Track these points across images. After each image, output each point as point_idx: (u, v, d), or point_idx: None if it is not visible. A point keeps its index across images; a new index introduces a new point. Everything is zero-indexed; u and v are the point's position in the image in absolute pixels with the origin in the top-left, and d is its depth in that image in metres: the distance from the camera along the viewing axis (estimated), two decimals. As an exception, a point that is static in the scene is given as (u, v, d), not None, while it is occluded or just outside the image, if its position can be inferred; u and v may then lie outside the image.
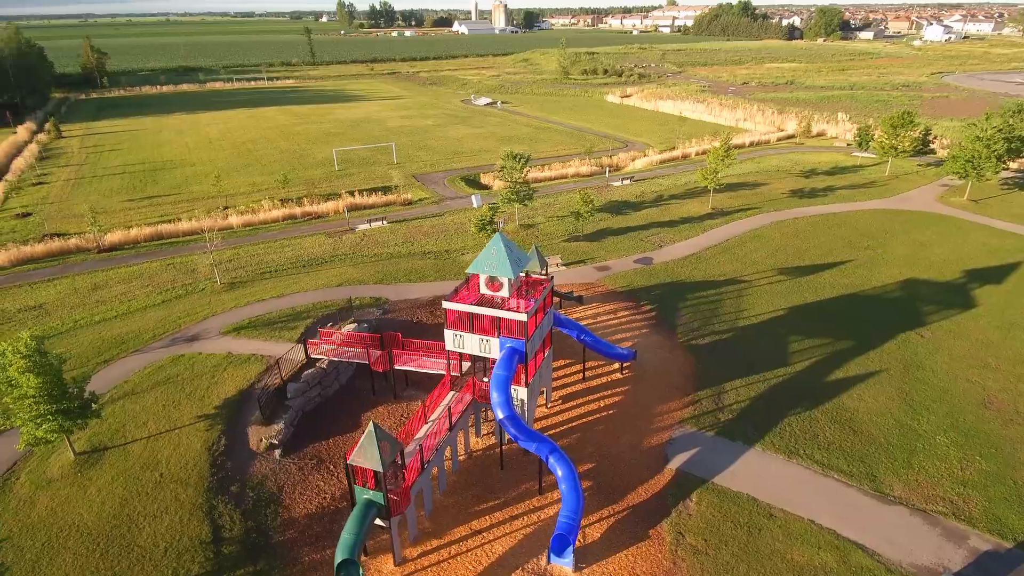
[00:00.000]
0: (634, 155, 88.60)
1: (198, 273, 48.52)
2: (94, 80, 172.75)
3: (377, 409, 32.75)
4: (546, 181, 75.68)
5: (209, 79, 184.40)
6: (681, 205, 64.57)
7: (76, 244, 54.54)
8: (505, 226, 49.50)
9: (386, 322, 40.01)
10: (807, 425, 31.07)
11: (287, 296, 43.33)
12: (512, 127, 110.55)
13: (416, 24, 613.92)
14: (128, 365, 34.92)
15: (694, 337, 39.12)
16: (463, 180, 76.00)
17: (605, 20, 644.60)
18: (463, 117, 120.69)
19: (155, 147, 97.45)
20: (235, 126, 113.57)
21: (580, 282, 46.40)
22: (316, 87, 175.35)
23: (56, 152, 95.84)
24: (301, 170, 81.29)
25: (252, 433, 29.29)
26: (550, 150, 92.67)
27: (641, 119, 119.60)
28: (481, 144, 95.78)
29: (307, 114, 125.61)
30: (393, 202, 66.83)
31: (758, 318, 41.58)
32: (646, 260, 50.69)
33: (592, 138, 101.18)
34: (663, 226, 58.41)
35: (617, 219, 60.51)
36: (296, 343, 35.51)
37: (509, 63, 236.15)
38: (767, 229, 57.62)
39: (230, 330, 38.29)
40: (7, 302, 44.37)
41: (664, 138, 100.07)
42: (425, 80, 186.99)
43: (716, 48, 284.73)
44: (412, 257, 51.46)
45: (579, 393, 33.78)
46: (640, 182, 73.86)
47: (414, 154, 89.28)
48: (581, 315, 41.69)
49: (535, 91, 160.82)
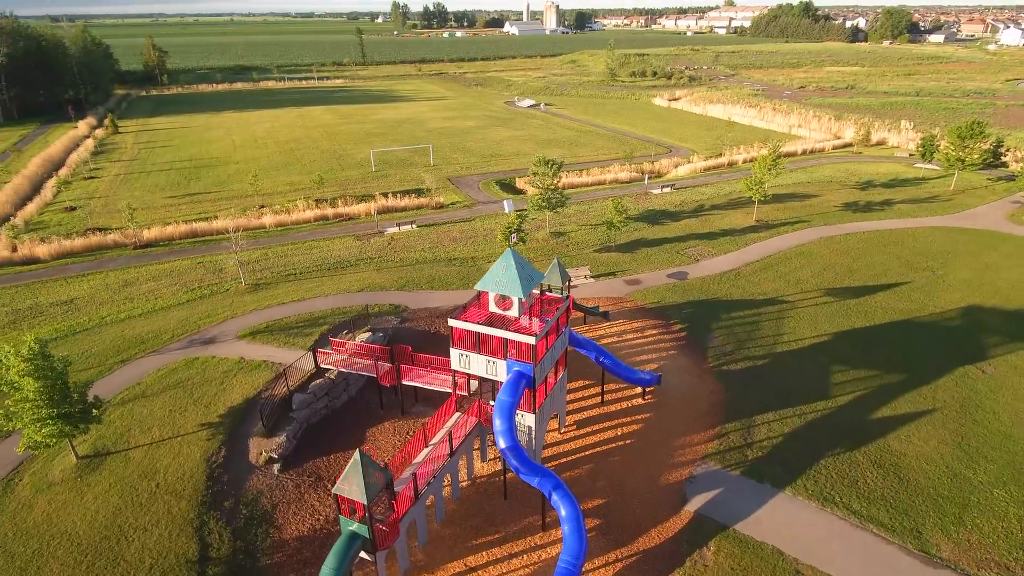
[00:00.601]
0: (677, 161, 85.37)
1: (225, 273, 48.68)
2: (155, 77, 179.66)
3: (383, 425, 31.59)
4: (582, 187, 73.53)
5: (262, 78, 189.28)
6: (723, 216, 61.38)
7: (114, 240, 55.73)
8: (518, 240, 47.78)
9: (402, 331, 38.90)
10: (846, 468, 28.21)
11: (307, 300, 42.78)
12: (553, 130, 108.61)
13: (468, 25, 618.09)
14: (144, 366, 34.86)
15: (726, 362, 36.48)
16: (497, 184, 74.63)
17: (659, 21, 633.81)
18: (504, 119, 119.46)
19: (203, 144, 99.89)
20: (281, 125, 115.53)
21: (607, 296, 44.23)
22: (364, 87, 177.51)
23: (110, 147, 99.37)
24: (339, 170, 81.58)
25: (253, 445, 28.53)
26: (590, 154, 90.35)
27: (688, 123, 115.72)
28: (519, 147, 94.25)
29: (351, 114, 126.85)
30: (425, 205, 66.02)
31: (798, 344, 38.55)
32: (680, 275, 48.07)
33: (634, 143, 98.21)
34: (702, 238, 55.52)
35: (653, 229, 57.91)
36: (307, 351, 34.73)
37: (556, 64, 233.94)
38: (815, 245, 53.99)
39: (246, 334, 37.88)
40: (42, 295, 45.42)
41: (710, 144, 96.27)
42: (471, 81, 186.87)
43: (773, 50, 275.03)
44: (437, 263, 50.32)
45: (596, 419, 31.77)
46: (681, 190, 70.83)
47: (451, 156, 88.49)
48: (606, 332, 39.60)
49: (580, 93, 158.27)
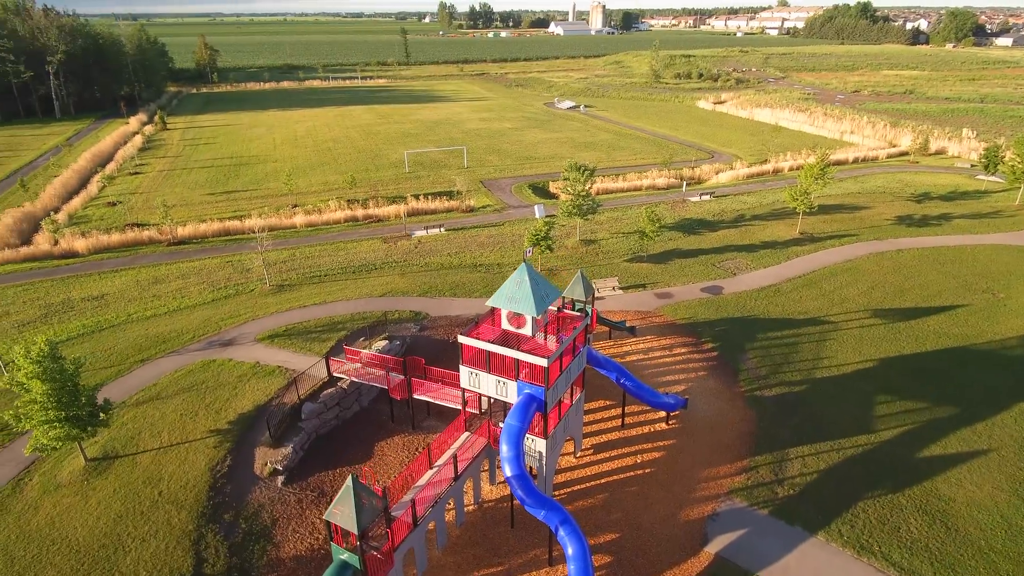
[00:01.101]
0: (718, 167, 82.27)
1: (251, 273, 48.75)
2: (206, 75, 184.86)
3: (393, 439, 30.60)
4: (617, 193, 71.44)
5: (308, 77, 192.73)
6: (764, 227, 58.45)
7: (149, 236, 56.67)
8: (545, 248, 46.19)
9: (420, 340, 37.94)
10: (887, 513, 25.76)
11: (328, 304, 42.28)
12: (591, 132, 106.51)
13: (513, 25, 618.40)
14: (162, 366, 34.80)
15: (759, 387, 34.18)
16: (530, 188, 73.23)
17: (708, 21, 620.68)
18: (542, 121, 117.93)
19: (245, 142, 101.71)
20: (321, 124, 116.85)
21: (635, 310, 42.30)
22: (405, 87, 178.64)
23: (158, 143, 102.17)
24: (373, 171, 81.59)
25: (259, 455, 27.92)
26: (627, 158, 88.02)
27: (732, 128, 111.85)
28: (555, 150, 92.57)
29: (390, 114, 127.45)
30: (455, 208, 65.14)
31: (840, 369, 35.89)
32: (715, 289, 45.70)
33: (675, 147, 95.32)
34: (740, 250, 52.87)
35: (689, 239, 55.51)
36: (320, 359, 34.06)
37: (600, 65, 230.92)
38: (863, 261, 50.71)
39: (265, 337, 37.54)
40: (75, 290, 46.30)
41: (755, 150, 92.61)
42: (512, 82, 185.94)
43: (827, 52, 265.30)
44: (462, 269, 49.26)
45: (614, 443, 30.04)
46: (721, 198, 67.99)
47: (485, 158, 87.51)
48: (631, 348, 37.75)
49: (622, 95, 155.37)
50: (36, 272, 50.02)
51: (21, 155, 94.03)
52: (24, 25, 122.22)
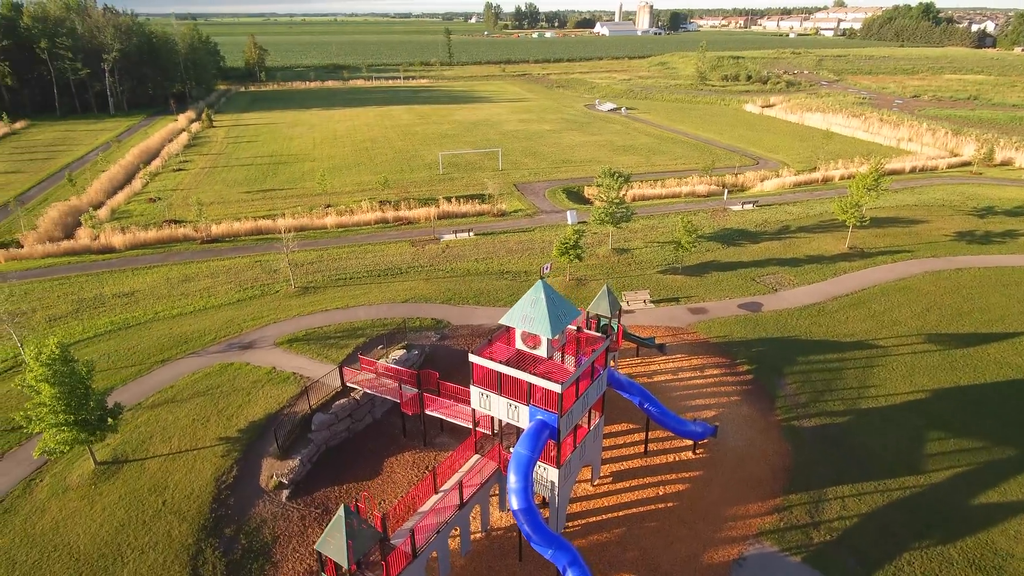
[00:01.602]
0: (764, 175, 78.77)
1: (278, 274, 48.58)
2: (255, 74, 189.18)
3: (403, 455, 29.51)
4: (654, 200, 69.01)
5: (352, 76, 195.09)
6: (810, 240, 55.28)
7: (184, 233, 57.36)
8: (574, 256, 44.44)
9: (439, 350, 36.83)
10: (935, 567, 23.25)
11: (351, 308, 41.63)
12: (631, 136, 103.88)
13: (559, 25, 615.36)
14: (180, 368, 34.65)
15: (797, 416, 31.77)
16: (564, 192, 71.48)
17: (759, 22, 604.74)
18: (581, 123, 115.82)
19: (286, 140, 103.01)
20: (361, 123, 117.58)
21: (667, 326, 40.21)
22: (446, 87, 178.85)
23: (203, 141, 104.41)
24: (408, 172, 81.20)
25: (265, 466, 27.23)
26: (667, 163, 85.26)
27: (780, 133, 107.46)
28: (593, 153, 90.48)
29: (429, 114, 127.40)
30: (486, 212, 63.96)
31: (888, 400, 33.13)
32: (754, 306, 43.16)
33: (718, 152, 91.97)
34: (783, 264, 50.02)
35: (728, 251, 52.88)
36: (335, 367, 33.27)
37: (644, 67, 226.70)
38: (918, 280, 47.22)
39: (284, 341, 37.06)
40: (107, 286, 46.97)
41: (804, 157, 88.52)
42: (553, 83, 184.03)
43: (885, 55, 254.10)
44: (488, 276, 48.00)
45: (636, 472, 28.21)
46: (764, 208, 64.83)
47: (521, 160, 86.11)
48: (660, 368, 35.76)
49: (666, 97, 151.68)
50: (73, 267, 51.10)
51: (74, 150, 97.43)
52: (84, 24, 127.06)
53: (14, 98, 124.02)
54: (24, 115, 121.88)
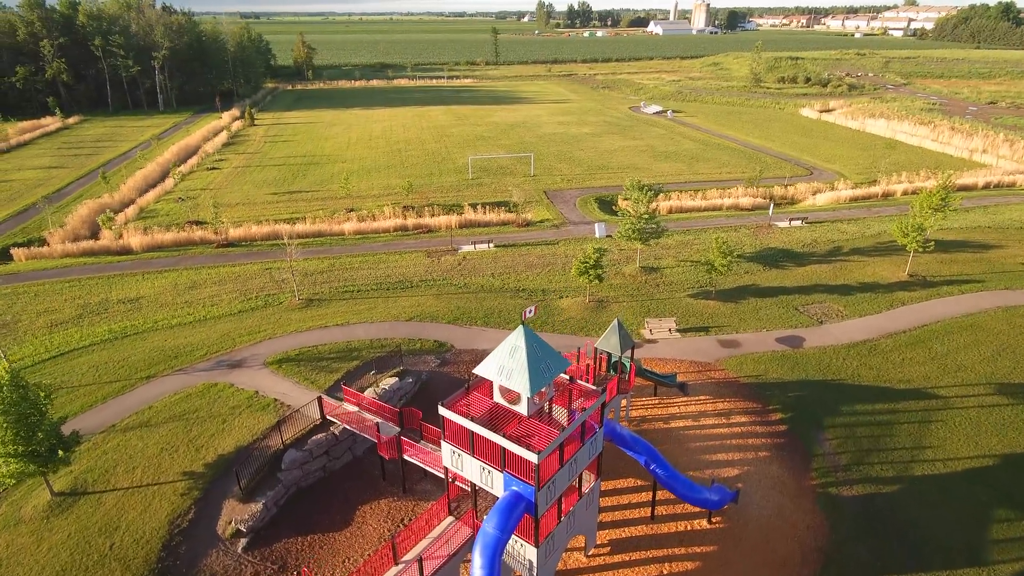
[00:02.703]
0: (817, 187, 72.73)
1: (284, 284, 46.67)
2: (303, 73, 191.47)
3: (379, 502, 26.62)
4: (692, 212, 64.29)
5: (397, 76, 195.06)
6: (865, 264, 49.76)
7: (201, 236, 56.38)
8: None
9: (438, 378, 33.88)
10: None
11: (351, 326, 39.14)
12: (674, 141, 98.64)
13: (612, 24, 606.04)
14: (164, 386, 32.81)
15: (836, 481, 27.33)
16: (596, 201, 67.51)
17: (823, 21, 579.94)
18: (624, 127, 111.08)
19: (321, 140, 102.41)
20: (398, 124, 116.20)
21: (692, 360, 36.09)
22: (489, 87, 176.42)
23: (242, 139, 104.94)
24: (437, 175, 78.80)
25: (225, 509, 24.80)
26: (711, 172, 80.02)
27: (838, 140, 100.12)
28: (632, 159, 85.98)
29: (468, 115, 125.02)
30: (511, 222, 60.74)
31: (948, 466, 28.26)
32: (794, 340, 38.49)
33: (768, 160, 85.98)
34: (832, 292, 44.90)
35: (769, 274, 48.03)
36: (319, 395, 30.69)
37: (696, 67, 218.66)
38: (989, 317, 41.38)
39: (274, 360, 34.80)
40: (115, 291, 46.05)
41: (863, 167, 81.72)
42: (599, 83, 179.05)
43: (959, 57, 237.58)
44: (503, 293, 44.79)
45: (639, 542, 24.47)
46: (814, 225, 59.27)
47: (555, 166, 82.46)
48: (680, 411, 31.79)
49: (716, 100, 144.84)
50: (87, 268, 50.61)
51: (119, 146, 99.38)
52: (139, 22, 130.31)
53: (70, 94, 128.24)
54: (79, 110, 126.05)
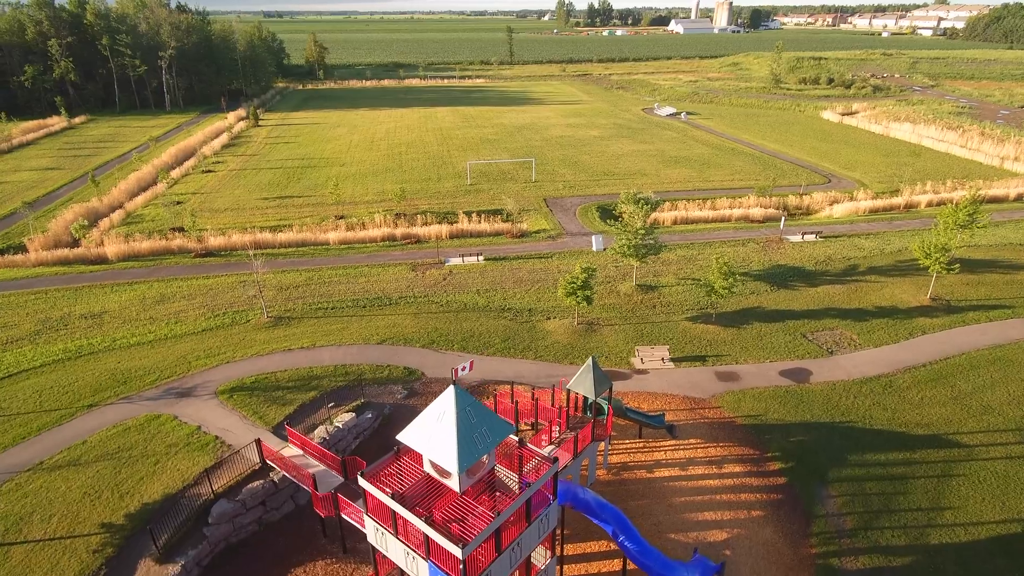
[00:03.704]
0: (834, 197, 68.40)
1: (255, 299, 43.97)
2: (314, 72, 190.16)
3: (316, 564, 23.67)
4: (700, 224, 60.48)
5: (408, 75, 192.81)
6: (883, 285, 45.74)
7: (179, 244, 54.13)
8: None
9: (402, 412, 30.92)
10: None
11: (316, 349, 36.41)
12: (686, 145, 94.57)
13: (633, 23, 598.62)
14: (104, 417, 30.33)
15: (839, 551, 23.78)
16: (598, 210, 64.02)
17: (849, 20, 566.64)
18: (634, 129, 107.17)
19: (323, 142, 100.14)
20: (403, 125, 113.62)
21: (684, 395, 32.66)
22: (501, 88, 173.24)
23: (244, 140, 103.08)
24: (435, 181, 75.91)
25: (140, 570, 22.07)
26: (722, 179, 76.02)
27: (860, 146, 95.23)
28: (639, 164, 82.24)
29: (475, 116, 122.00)
30: (505, 232, 57.61)
31: (969, 533, 24.55)
32: (800, 373, 34.85)
33: (784, 166, 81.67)
34: (845, 317, 41.07)
35: (777, 295, 44.28)
36: (270, 430, 27.91)
37: (715, 67, 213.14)
38: (1021, 349, 37.25)
39: (226, 389, 32.16)
40: (79, 305, 43.84)
41: (886, 175, 77.08)
42: (613, 84, 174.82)
43: (991, 58, 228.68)
44: (486, 313, 41.69)
45: (603, 623, 21.25)
46: (830, 240, 55.19)
47: (558, 171, 79.06)
48: (666, 457, 28.45)
49: (733, 101, 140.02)
50: (57, 278, 48.58)
51: (120, 147, 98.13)
52: (149, 21, 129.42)
53: (79, 93, 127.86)
54: (87, 110, 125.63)
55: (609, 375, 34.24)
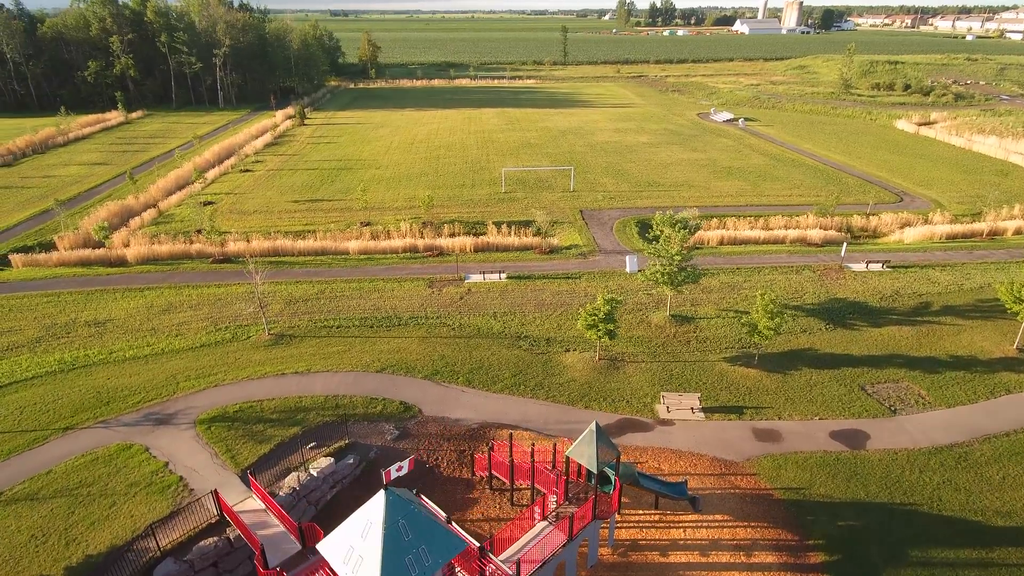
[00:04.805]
0: (906, 218, 61.36)
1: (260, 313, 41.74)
2: (367, 71, 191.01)
3: (262, 646, 20.71)
4: (749, 245, 55.01)
5: (459, 75, 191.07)
6: (960, 330, 39.55)
7: (198, 249, 52.88)
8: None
9: (388, 458, 27.69)
10: None
11: (311, 375, 33.77)
12: (741, 154, 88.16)
13: (696, 23, 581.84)
14: (78, 443, 28.47)
15: None
16: (637, 225, 59.36)
17: (930, 21, 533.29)
18: (686, 136, 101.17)
19: (363, 143, 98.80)
20: (445, 127, 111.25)
21: (713, 457, 28.16)
22: (551, 89, 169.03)
23: (287, 139, 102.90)
24: (469, 187, 72.82)
25: (65, 641, 19.63)
26: (778, 193, 69.80)
27: (938, 160, 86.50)
28: (688, 175, 76.76)
29: (520, 119, 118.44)
30: (533, 247, 53.84)
31: None
32: (856, 436, 29.72)
33: (849, 181, 74.58)
34: (913, 366, 35.41)
35: (833, 335, 38.84)
36: (239, 473, 25.21)
37: (780, 70, 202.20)
38: None
39: (206, 419, 29.82)
40: (88, 310, 42.75)
41: (967, 196, 69.10)
42: (669, 86, 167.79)
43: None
44: (500, 340, 38.12)
45: None
46: (899, 271, 48.85)
47: (598, 180, 74.58)
48: (684, 536, 24.16)
49: (798, 108, 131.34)
50: (74, 280, 47.94)
51: (168, 142, 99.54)
52: (207, 19, 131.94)
53: (138, 89, 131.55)
54: (146, 106, 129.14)
55: (627, 424, 30.34)
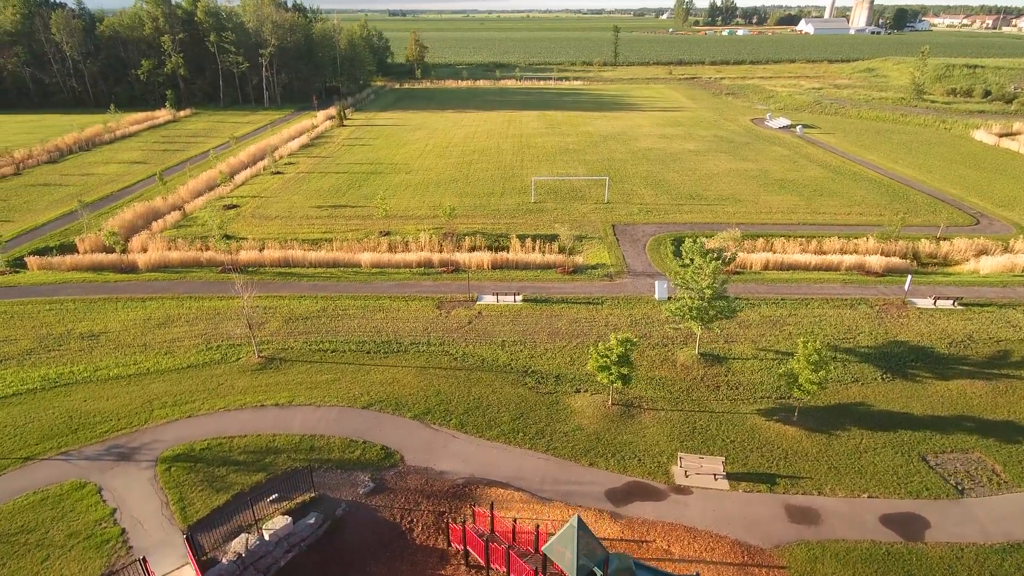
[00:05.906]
0: (982, 245, 54.14)
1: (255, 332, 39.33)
2: (413, 71, 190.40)
3: None
4: (798, 272, 49.30)
5: (504, 76, 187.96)
6: (1048, 386, 33.39)
7: (209, 257, 51.26)
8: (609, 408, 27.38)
9: (358, 517, 24.52)
10: None
11: (292, 408, 30.99)
12: (796, 165, 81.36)
13: (758, 22, 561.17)
14: (32, 477, 26.47)
15: None
16: (672, 243, 54.39)
17: (1013, 22, 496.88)
18: (737, 144, 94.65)
19: (396, 146, 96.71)
20: (482, 130, 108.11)
21: (736, 538, 23.65)
22: (598, 91, 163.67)
23: (322, 141, 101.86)
24: (497, 196, 69.29)
25: None
26: (835, 211, 63.30)
27: (1021, 177, 77.54)
28: (735, 187, 70.92)
29: (561, 123, 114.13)
30: (555, 265, 49.82)
31: None
32: (913, 523, 24.59)
33: (918, 199, 67.22)
34: (987, 432, 29.73)
35: (890, 387, 33.36)
36: (190, 529, 22.41)
37: (845, 72, 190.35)
38: None
39: (170, 456, 27.37)
40: (83, 322, 41.30)
41: (1057, 219, 60.92)
42: (723, 89, 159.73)
43: None
44: (505, 374, 34.42)
45: None
46: (974, 310, 42.40)
47: (636, 191, 69.70)
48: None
49: (863, 114, 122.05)
50: (81, 286, 46.89)
51: (211, 141, 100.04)
52: (256, 18, 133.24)
53: (188, 88, 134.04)
54: (194, 104, 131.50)
55: (635, 489, 26.09)
